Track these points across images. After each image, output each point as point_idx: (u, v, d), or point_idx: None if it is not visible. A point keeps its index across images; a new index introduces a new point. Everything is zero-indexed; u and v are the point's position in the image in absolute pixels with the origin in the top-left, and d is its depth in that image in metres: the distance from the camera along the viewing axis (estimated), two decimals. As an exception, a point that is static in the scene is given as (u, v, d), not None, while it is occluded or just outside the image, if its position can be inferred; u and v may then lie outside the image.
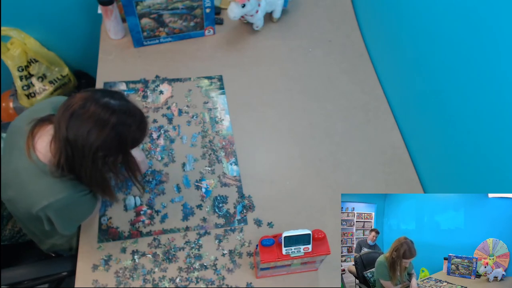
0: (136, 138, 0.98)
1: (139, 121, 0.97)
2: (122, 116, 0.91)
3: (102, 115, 0.88)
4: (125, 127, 0.92)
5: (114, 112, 0.90)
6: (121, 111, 0.91)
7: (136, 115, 0.96)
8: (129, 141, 0.96)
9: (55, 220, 1.01)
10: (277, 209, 1.29)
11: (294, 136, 1.45)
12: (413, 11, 1.33)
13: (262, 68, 1.61)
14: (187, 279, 1.16)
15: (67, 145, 0.89)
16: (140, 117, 0.97)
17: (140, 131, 0.98)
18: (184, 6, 1.54)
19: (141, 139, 1.00)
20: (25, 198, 0.99)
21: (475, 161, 1.10)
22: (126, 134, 0.93)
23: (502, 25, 0.95)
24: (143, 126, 0.99)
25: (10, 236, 1.27)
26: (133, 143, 0.99)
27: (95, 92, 0.93)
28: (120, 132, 0.91)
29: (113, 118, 0.89)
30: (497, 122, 0.99)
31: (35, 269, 1.23)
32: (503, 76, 0.96)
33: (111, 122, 0.89)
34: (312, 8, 1.82)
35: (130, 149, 1.00)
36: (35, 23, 1.77)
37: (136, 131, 0.96)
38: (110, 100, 0.91)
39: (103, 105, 0.89)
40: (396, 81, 1.52)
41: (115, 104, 0.91)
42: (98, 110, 0.88)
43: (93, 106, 0.88)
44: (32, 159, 0.95)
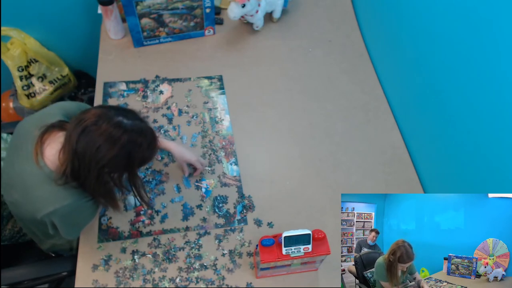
0: (145, 158, 1.00)
1: (149, 141, 0.97)
2: (133, 136, 0.92)
3: (113, 133, 0.89)
4: (135, 146, 0.93)
5: (126, 131, 0.91)
6: (133, 131, 0.92)
7: (147, 135, 0.96)
8: (137, 161, 0.97)
9: (59, 225, 1.02)
10: (277, 209, 1.29)
11: (294, 136, 1.45)
12: (413, 11, 1.33)
13: (262, 68, 1.61)
14: (187, 279, 1.16)
15: (75, 157, 0.90)
16: (151, 137, 0.98)
17: (149, 150, 0.99)
18: (184, 6, 1.54)
19: (150, 158, 1.02)
20: (29, 203, 0.99)
21: (475, 161, 1.10)
22: (135, 154, 0.94)
23: (502, 25, 0.95)
24: (153, 146, 1.00)
25: (10, 236, 1.27)
26: (141, 163, 1.01)
27: (109, 109, 0.94)
28: (129, 151, 0.92)
29: (124, 137, 0.90)
30: (497, 122, 0.99)
31: (35, 269, 1.23)
32: (503, 76, 0.96)
33: (121, 141, 0.90)
34: (312, 8, 1.82)
35: (138, 167, 1.01)
36: (35, 23, 1.77)
37: (145, 151, 0.97)
38: (123, 119, 0.92)
39: (116, 123, 0.90)
40: (396, 81, 1.52)
41: (127, 123, 0.92)
42: (110, 129, 0.89)
43: (106, 124, 0.89)
44: (40, 165, 0.96)
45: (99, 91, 1.49)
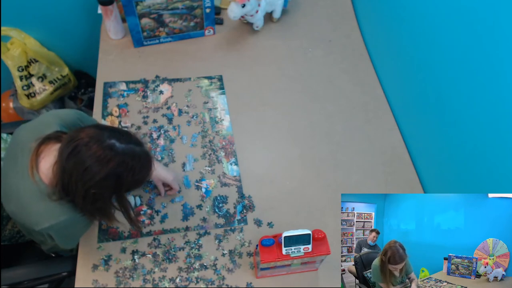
0: (137, 181, 0.98)
1: (142, 165, 0.95)
2: (125, 159, 0.90)
3: (103, 156, 0.88)
4: (126, 170, 0.91)
5: (117, 155, 0.89)
6: (125, 154, 0.91)
7: (141, 159, 0.95)
8: (126, 184, 0.95)
9: (56, 238, 1.02)
10: (277, 209, 1.29)
11: (294, 136, 1.45)
12: (413, 11, 1.33)
13: (262, 68, 1.61)
14: (187, 279, 1.16)
15: (64, 175, 0.89)
16: (145, 161, 0.96)
17: (142, 174, 0.97)
18: (184, 6, 1.54)
19: (142, 182, 1.00)
20: (26, 217, 0.98)
21: (475, 161, 1.10)
22: (125, 177, 0.92)
23: (502, 25, 0.95)
24: (146, 170, 0.98)
25: (10, 236, 1.27)
26: (133, 186, 0.99)
27: (103, 130, 0.92)
28: (119, 174, 0.90)
29: (114, 160, 0.89)
30: (497, 122, 0.99)
31: (35, 270, 1.23)
32: (503, 76, 0.96)
33: (111, 164, 0.88)
34: (312, 8, 1.82)
35: (128, 190, 1.00)
36: (35, 23, 1.77)
37: (137, 175, 0.94)
38: (115, 142, 0.90)
39: (107, 146, 0.89)
40: (396, 81, 1.52)
41: (119, 147, 0.90)
42: (100, 151, 0.88)
43: (97, 145, 0.88)
44: (35, 180, 0.94)
45: (99, 91, 1.49)
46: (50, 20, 1.78)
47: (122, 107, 1.46)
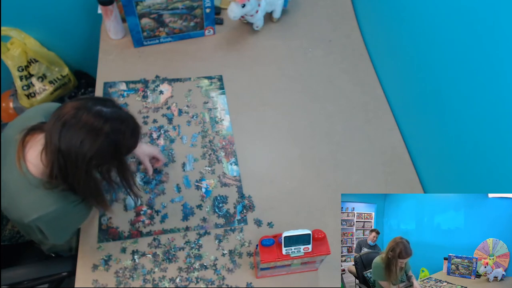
0: (130, 145, 0.97)
1: (132, 127, 0.95)
2: (116, 124, 0.89)
3: (95, 124, 0.86)
4: (119, 134, 0.90)
5: (107, 120, 0.88)
6: (114, 119, 0.90)
7: (129, 121, 0.94)
8: (123, 148, 0.95)
9: (45, 231, 1.00)
10: (277, 209, 1.29)
11: (294, 136, 1.45)
12: (413, 11, 1.33)
13: (262, 68, 1.61)
14: (187, 279, 1.16)
15: (60, 155, 0.87)
16: (133, 124, 0.96)
17: (133, 137, 0.96)
18: (184, 6, 1.54)
19: (135, 145, 0.99)
20: (15, 210, 0.97)
21: (475, 161, 1.10)
22: (120, 142, 0.91)
23: (502, 25, 0.95)
24: (136, 132, 0.98)
25: (10, 236, 1.27)
26: (128, 150, 0.98)
27: (86, 100, 0.90)
28: (114, 140, 0.90)
29: (107, 126, 0.87)
30: (497, 122, 0.99)
31: (35, 269, 1.23)
32: (503, 76, 0.96)
33: (105, 130, 0.87)
34: (312, 8, 1.82)
35: (125, 155, 0.99)
36: (35, 23, 1.77)
37: (130, 138, 0.94)
38: (102, 108, 0.89)
39: (96, 113, 0.87)
40: (396, 81, 1.52)
41: (107, 111, 0.89)
42: (90, 119, 0.86)
43: (86, 115, 0.86)
44: (23, 171, 0.93)
45: (99, 91, 1.49)
46: (50, 20, 1.78)
47: (122, 107, 1.46)
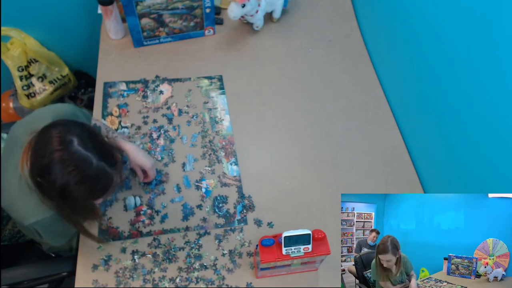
0: (78, 194, 0.87)
1: (85, 177, 0.85)
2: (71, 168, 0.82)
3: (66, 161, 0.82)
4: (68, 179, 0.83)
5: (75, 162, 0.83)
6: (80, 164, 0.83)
7: (83, 170, 0.84)
8: (69, 194, 0.85)
9: (43, 234, 1.01)
10: (277, 209, 1.29)
11: (294, 136, 1.45)
12: (413, 10, 1.33)
13: (262, 68, 1.61)
14: (187, 279, 1.16)
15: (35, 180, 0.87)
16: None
17: (84, 187, 0.86)
18: (184, 6, 1.54)
19: (86, 196, 0.89)
20: (15, 212, 0.98)
21: (475, 161, 1.10)
22: (71, 192, 0.84)
23: (502, 25, 0.95)
24: (88, 183, 0.86)
25: (10, 236, 1.27)
26: (78, 198, 0.88)
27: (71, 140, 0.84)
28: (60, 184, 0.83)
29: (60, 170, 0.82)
30: (497, 122, 0.99)
31: (35, 270, 1.23)
32: (503, 76, 0.96)
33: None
34: (312, 8, 1.82)
35: (75, 201, 0.89)
36: (35, 23, 1.77)
37: (75, 186, 0.84)
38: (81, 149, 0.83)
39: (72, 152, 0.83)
40: (396, 81, 1.52)
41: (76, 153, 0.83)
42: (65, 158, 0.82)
43: (60, 152, 0.82)
44: (24, 174, 0.92)
45: (99, 91, 1.49)
46: (50, 20, 1.78)
47: (122, 107, 1.46)
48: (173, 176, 1.33)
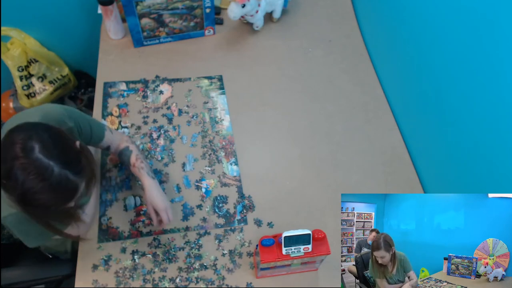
0: (43, 201, 0.82)
1: (55, 184, 0.81)
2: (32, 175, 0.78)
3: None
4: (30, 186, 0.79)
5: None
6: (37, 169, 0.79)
7: (52, 178, 0.80)
8: (33, 201, 0.81)
9: (14, 232, 0.97)
10: (277, 209, 1.29)
11: (294, 136, 1.45)
12: (413, 11, 1.33)
13: (262, 68, 1.61)
14: (187, 279, 1.16)
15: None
16: (59, 181, 0.81)
17: (50, 194, 0.81)
18: (184, 6, 1.54)
19: (51, 203, 0.84)
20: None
21: (475, 161, 1.10)
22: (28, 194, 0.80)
23: (502, 24, 0.95)
24: (59, 190, 0.83)
25: (8, 235, 1.27)
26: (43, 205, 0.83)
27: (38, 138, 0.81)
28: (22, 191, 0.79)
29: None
30: (497, 122, 0.99)
31: (32, 271, 1.23)
32: (503, 76, 0.96)
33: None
34: (312, 8, 1.82)
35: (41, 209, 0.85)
36: (35, 23, 1.77)
37: (42, 193, 0.80)
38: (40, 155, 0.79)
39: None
40: (396, 81, 1.52)
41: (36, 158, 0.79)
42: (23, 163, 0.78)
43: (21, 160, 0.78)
44: None
45: (99, 91, 1.49)
46: (50, 20, 1.78)
47: (122, 107, 1.46)
48: (173, 176, 1.33)
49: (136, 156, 1.19)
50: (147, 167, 1.19)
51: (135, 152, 1.20)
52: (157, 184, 1.16)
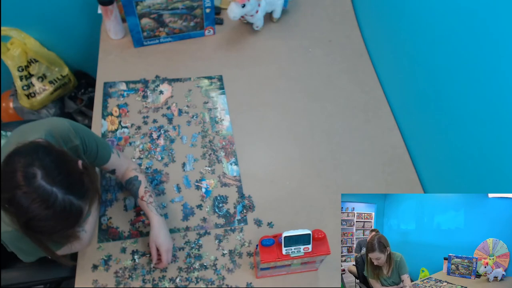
0: (47, 229, 0.81)
1: (60, 213, 0.79)
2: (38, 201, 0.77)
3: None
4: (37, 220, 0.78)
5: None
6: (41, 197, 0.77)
7: (58, 207, 0.78)
8: (36, 228, 0.80)
9: (9, 246, 0.96)
10: (277, 209, 1.29)
11: (294, 136, 1.45)
12: (413, 10, 1.33)
13: (262, 68, 1.61)
14: (187, 279, 1.16)
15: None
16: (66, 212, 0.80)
17: (55, 222, 0.80)
18: (184, 6, 1.54)
19: (56, 231, 0.82)
20: None
21: (475, 161, 1.10)
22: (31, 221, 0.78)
23: (502, 24, 0.95)
24: (63, 220, 0.81)
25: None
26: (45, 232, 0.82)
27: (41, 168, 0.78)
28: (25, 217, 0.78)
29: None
30: (497, 122, 0.99)
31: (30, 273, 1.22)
32: (503, 76, 0.96)
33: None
34: (312, 8, 1.82)
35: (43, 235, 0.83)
36: (35, 23, 1.77)
37: (45, 221, 0.78)
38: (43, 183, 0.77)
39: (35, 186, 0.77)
40: (396, 81, 1.52)
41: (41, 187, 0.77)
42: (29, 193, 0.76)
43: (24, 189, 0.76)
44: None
45: (99, 91, 1.50)
46: (50, 20, 1.78)
47: (122, 107, 1.46)
48: (173, 176, 1.33)
49: (145, 189, 1.15)
50: (155, 202, 1.16)
51: (144, 184, 1.16)
52: (164, 222, 1.15)
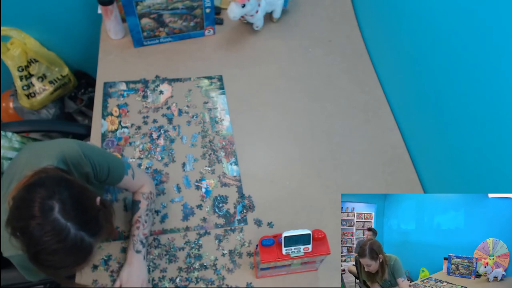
0: (54, 263, 0.80)
1: (71, 250, 0.79)
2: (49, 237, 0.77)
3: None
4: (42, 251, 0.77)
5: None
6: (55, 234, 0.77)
7: (68, 244, 0.78)
8: (44, 262, 0.79)
9: (17, 267, 0.97)
10: (277, 209, 1.29)
11: (294, 136, 1.45)
12: (413, 11, 1.33)
13: (262, 68, 1.61)
14: (187, 279, 1.16)
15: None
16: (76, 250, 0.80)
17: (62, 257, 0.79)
18: (184, 6, 1.54)
19: (61, 266, 0.82)
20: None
21: (475, 161, 1.10)
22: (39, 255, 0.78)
23: (502, 24, 0.95)
24: (71, 257, 0.81)
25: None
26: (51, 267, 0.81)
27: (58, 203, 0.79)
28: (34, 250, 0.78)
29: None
30: (497, 122, 0.99)
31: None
32: (503, 76, 0.96)
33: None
34: (312, 8, 1.82)
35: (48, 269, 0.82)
36: (35, 23, 1.77)
37: (53, 255, 0.78)
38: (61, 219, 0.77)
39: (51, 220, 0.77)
40: (396, 81, 1.52)
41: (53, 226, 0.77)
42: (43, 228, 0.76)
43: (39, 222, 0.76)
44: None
45: (99, 91, 1.50)
46: (50, 20, 1.78)
47: (122, 107, 1.46)
48: (173, 176, 1.33)
49: (138, 218, 1.14)
50: (141, 235, 1.13)
51: (140, 213, 1.15)
52: (141, 261, 1.11)
